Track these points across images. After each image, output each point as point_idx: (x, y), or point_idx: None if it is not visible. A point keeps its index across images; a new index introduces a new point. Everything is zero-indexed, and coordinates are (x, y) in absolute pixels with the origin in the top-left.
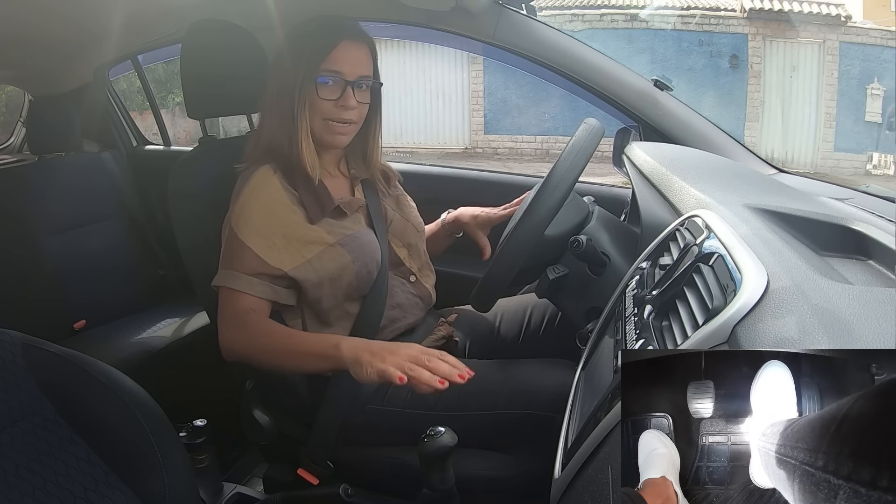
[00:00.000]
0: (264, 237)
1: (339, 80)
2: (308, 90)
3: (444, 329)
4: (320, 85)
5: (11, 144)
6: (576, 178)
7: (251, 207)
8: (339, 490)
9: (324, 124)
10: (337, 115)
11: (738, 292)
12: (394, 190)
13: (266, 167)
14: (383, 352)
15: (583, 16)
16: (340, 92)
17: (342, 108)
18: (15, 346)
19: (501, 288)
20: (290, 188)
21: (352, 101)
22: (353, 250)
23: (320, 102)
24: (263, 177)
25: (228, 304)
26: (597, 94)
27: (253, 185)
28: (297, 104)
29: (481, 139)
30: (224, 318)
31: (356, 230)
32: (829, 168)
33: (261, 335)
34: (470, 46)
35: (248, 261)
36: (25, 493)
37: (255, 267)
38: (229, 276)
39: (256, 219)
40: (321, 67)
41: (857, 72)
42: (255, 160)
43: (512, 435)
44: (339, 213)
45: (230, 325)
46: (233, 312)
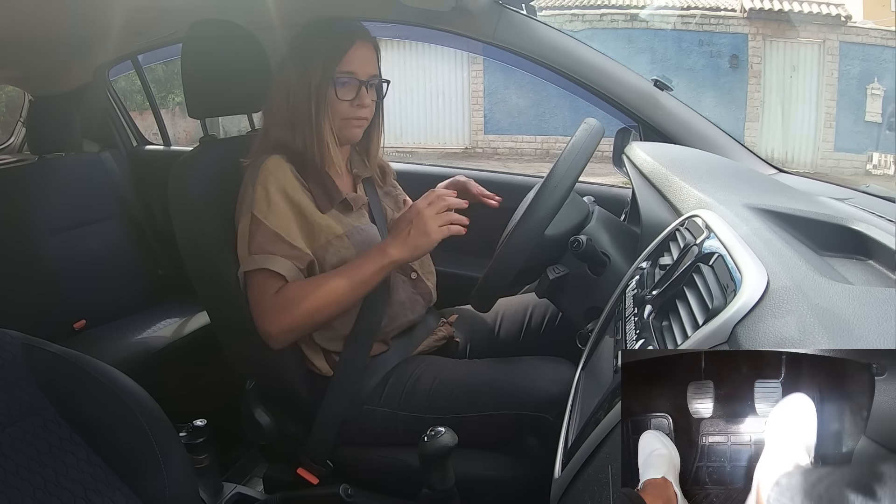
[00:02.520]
0: (289, 220)
1: (353, 80)
2: (326, 92)
3: (444, 329)
4: (338, 87)
5: (11, 144)
6: (576, 179)
7: (270, 191)
8: (339, 490)
9: (342, 123)
10: (353, 114)
11: (738, 292)
12: (391, 188)
13: (276, 156)
14: (417, 234)
15: (583, 16)
16: (356, 92)
17: (358, 107)
18: (15, 346)
19: (501, 288)
20: (300, 177)
21: (367, 100)
22: (357, 244)
23: (338, 103)
24: (276, 164)
25: (263, 289)
26: (597, 94)
27: (267, 171)
28: (315, 106)
29: (481, 139)
30: (262, 304)
31: (361, 224)
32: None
33: (304, 298)
34: (470, 46)
35: (280, 245)
36: (25, 493)
37: (288, 251)
38: (267, 260)
39: (277, 201)
40: (338, 69)
41: (857, 72)
42: (264, 152)
43: (505, 435)
44: (346, 206)
45: (271, 309)
46: (269, 295)
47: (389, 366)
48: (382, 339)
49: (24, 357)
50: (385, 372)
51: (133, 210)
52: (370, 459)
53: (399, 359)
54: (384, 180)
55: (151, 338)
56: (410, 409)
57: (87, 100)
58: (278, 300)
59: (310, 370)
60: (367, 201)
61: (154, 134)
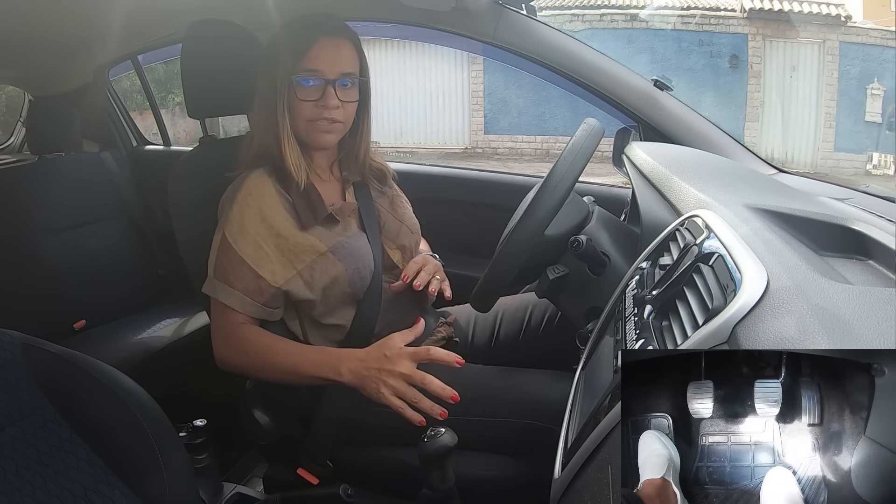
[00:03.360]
0: (258, 247)
1: (319, 79)
2: (287, 91)
3: (444, 330)
4: (299, 85)
5: (11, 144)
6: (576, 179)
7: (245, 214)
8: (339, 490)
9: (308, 125)
10: (318, 115)
11: (738, 292)
12: (389, 190)
13: (259, 171)
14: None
15: (583, 16)
16: (321, 92)
17: (323, 107)
18: (15, 346)
19: (501, 288)
20: (283, 192)
21: (333, 101)
22: (344, 258)
23: (300, 104)
24: (256, 181)
25: (222, 318)
26: (597, 94)
27: (246, 190)
28: (279, 106)
29: (481, 139)
30: (218, 331)
31: (347, 236)
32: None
33: (257, 352)
34: (470, 46)
35: (242, 275)
36: (25, 493)
37: (249, 282)
38: (223, 291)
39: (250, 226)
40: (299, 67)
41: (857, 72)
42: (247, 165)
43: (511, 443)
44: (331, 220)
45: (224, 338)
46: (226, 325)
47: None
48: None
49: (24, 357)
50: None
51: (133, 210)
52: (370, 459)
53: None
54: (383, 183)
55: (151, 338)
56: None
57: (87, 100)
58: (235, 336)
59: None
60: (357, 207)
61: (154, 134)
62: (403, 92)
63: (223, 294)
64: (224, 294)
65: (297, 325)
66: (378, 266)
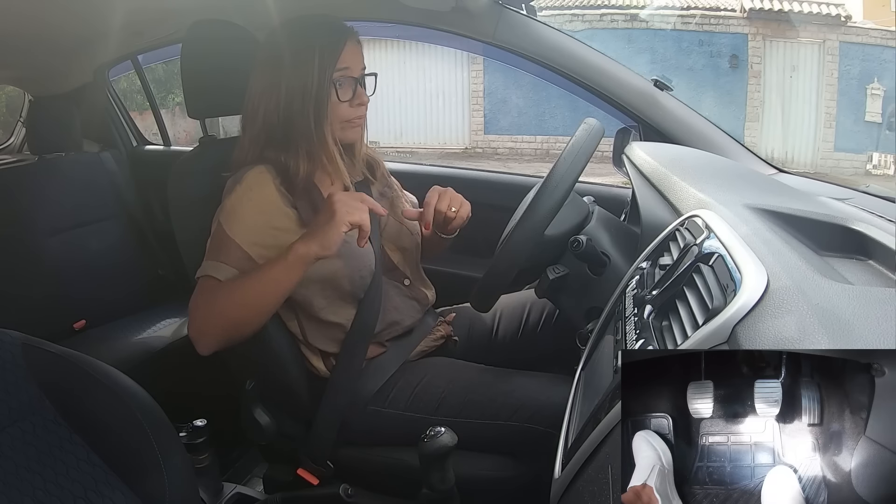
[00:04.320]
0: (252, 234)
1: (349, 79)
2: (327, 96)
3: (442, 329)
4: (338, 87)
5: (11, 144)
6: (576, 179)
7: (243, 206)
8: (339, 490)
9: (344, 125)
10: (354, 114)
11: (738, 292)
12: (387, 189)
13: (261, 167)
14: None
15: (583, 16)
16: (352, 91)
17: (358, 105)
18: (15, 346)
19: (501, 288)
20: (283, 190)
21: (364, 98)
22: (343, 255)
23: (338, 105)
24: (258, 177)
25: (205, 293)
26: (597, 94)
27: (246, 184)
28: (315, 113)
29: (481, 139)
30: (196, 307)
31: (348, 236)
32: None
33: (224, 297)
34: (470, 46)
35: (232, 252)
36: (25, 493)
37: (240, 261)
38: (213, 266)
39: (247, 217)
40: (335, 70)
41: (857, 72)
42: (248, 163)
43: (510, 445)
44: None
45: (200, 311)
46: (206, 300)
47: (391, 367)
48: (379, 342)
49: (25, 357)
50: (391, 373)
51: (133, 210)
52: (370, 459)
53: (397, 360)
54: (374, 175)
55: (151, 338)
56: (417, 411)
57: (87, 100)
58: (202, 303)
59: (309, 371)
60: None
61: (154, 134)
62: (403, 92)
63: (212, 269)
64: (213, 269)
65: (295, 325)
66: (378, 267)
